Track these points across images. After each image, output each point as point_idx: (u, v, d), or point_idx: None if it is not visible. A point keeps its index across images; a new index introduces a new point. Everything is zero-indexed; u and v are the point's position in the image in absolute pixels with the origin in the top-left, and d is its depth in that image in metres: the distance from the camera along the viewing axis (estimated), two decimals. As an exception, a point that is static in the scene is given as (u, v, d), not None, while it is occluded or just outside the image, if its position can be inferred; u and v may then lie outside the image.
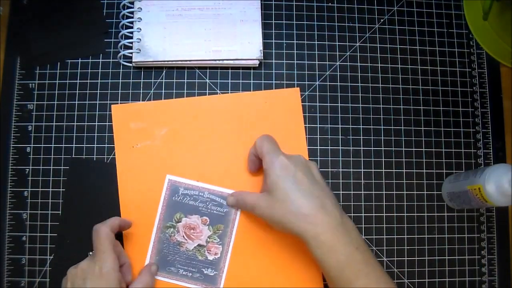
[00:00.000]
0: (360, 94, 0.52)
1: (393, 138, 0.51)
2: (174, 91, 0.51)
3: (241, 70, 0.51)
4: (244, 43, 0.50)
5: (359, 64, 0.52)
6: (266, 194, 0.42)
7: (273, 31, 0.52)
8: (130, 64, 0.50)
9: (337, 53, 0.53)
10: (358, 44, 0.53)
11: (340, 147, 0.51)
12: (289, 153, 0.50)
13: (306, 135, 0.50)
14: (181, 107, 0.50)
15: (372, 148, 0.51)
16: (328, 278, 0.40)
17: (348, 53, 0.53)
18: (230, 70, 0.51)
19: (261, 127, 0.50)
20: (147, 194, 0.48)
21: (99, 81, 0.50)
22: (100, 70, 0.51)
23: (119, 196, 0.48)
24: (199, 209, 0.48)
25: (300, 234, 0.39)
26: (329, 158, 0.50)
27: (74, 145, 0.49)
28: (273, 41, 0.52)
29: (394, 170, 0.51)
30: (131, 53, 0.50)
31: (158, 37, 0.50)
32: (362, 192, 0.50)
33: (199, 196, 0.48)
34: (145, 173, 0.48)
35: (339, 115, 0.51)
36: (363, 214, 0.50)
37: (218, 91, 0.51)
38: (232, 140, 0.49)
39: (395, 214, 0.50)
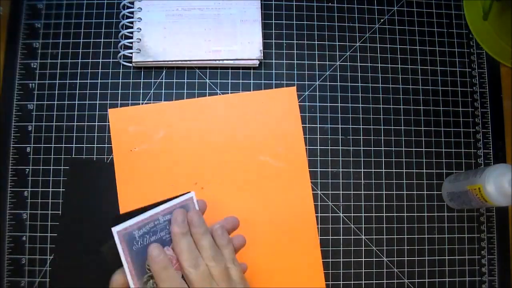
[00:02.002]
0: (360, 94, 0.52)
1: (393, 138, 0.51)
2: (174, 91, 0.51)
3: (241, 70, 0.51)
4: (244, 43, 0.50)
5: (359, 64, 0.52)
6: None
7: (273, 31, 0.52)
8: (130, 64, 0.50)
9: (337, 53, 0.53)
10: (358, 44, 0.53)
11: (340, 147, 0.51)
12: (287, 151, 0.50)
13: (306, 135, 0.50)
14: (178, 109, 0.50)
15: (372, 148, 0.51)
16: None
17: (348, 53, 0.53)
18: (230, 70, 0.51)
19: (258, 127, 0.50)
20: (146, 197, 0.48)
21: (99, 81, 0.50)
22: (100, 70, 0.51)
23: (119, 200, 0.48)
24: (164, 240, 0.37)
25: None
26: (329, 158, 0.50)
27: (74, 145, 0.49)
28: (273, 41, 0.52)
29: (394, 170, 0.51)
30: (131, 53, 0.50)
31: (158, 37, 0.50)
32: (362, 192, 0.50)
33: (156, 226, 0.36)
34: (144, 176, 0.48)
35: (339, 115, 0.51)
36: (363, 214, 0.50)
37: (218, 91, 0.51)
38: (230, 141, 0.49)
39: (395, 214, 0.50)
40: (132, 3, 0.51)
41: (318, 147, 0.50)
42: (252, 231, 0.47)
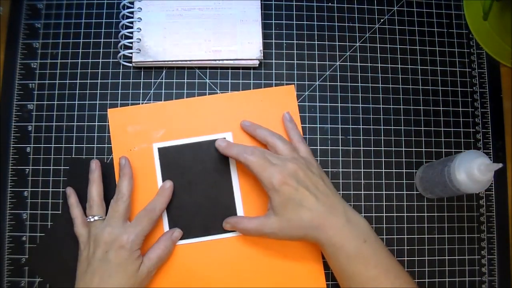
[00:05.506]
0: (360, 94, 0.52)
1: (393, 138, 0.51)
2: (174, 91, 0.51)
3: (241, 70, 0.51)
4: (244, 43, 0.50)
5: (359, 64, 0.52)
6: (271, 216, 0.42)
7: (273, 31, 0.52)
8: (130, 64, 0.50)
9: (337, 53, 0.53)
10: (358, 44, 0.53)
11: (340, 147, 0.51)
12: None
13: (306, 135, 0.50)
14: (177, 108, 0.50)
15: (372, 148, 0.51)
16: (339, 275, 0.41)
17: (348, 53, 0.53)
18: (230, 70, 0.51)
19: (259, 126, 0.50)
20: (146, 196, 0.48)
21: (99, 81, 0.51)
22: (100, 70, 0.51)
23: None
24: None
25: (313, 240, 0.41)
26: (329, 158, 0.50)
27: (74, 145, 0.49)
28: (273, 41, 0.52)
29: (394, 170, 0.51)
30: (131, 53, 0.50)
31: (158, 37, 0.50)
32: (362, 192, 0.50)
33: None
34: (143, 176, 0.48)
35: (339, 115, 0.51)
36: (363, 214, 0.49)
37: (218, 91, 0.51)
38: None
39: (395, 214, 0.50)
40: (132, 3, 0.51)
41: (318, 147, 0.50)
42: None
